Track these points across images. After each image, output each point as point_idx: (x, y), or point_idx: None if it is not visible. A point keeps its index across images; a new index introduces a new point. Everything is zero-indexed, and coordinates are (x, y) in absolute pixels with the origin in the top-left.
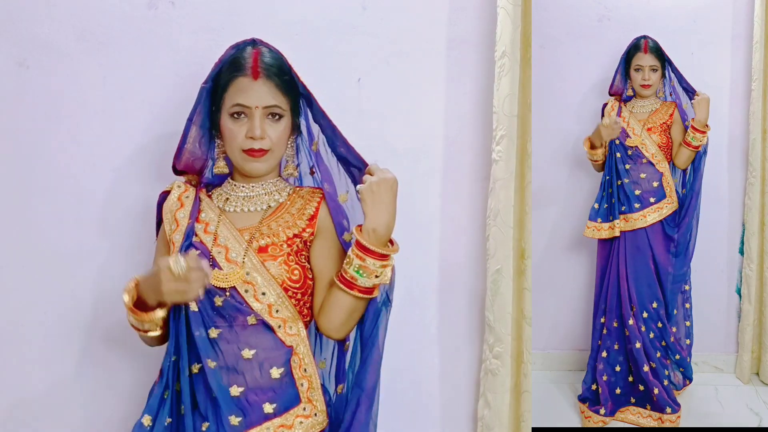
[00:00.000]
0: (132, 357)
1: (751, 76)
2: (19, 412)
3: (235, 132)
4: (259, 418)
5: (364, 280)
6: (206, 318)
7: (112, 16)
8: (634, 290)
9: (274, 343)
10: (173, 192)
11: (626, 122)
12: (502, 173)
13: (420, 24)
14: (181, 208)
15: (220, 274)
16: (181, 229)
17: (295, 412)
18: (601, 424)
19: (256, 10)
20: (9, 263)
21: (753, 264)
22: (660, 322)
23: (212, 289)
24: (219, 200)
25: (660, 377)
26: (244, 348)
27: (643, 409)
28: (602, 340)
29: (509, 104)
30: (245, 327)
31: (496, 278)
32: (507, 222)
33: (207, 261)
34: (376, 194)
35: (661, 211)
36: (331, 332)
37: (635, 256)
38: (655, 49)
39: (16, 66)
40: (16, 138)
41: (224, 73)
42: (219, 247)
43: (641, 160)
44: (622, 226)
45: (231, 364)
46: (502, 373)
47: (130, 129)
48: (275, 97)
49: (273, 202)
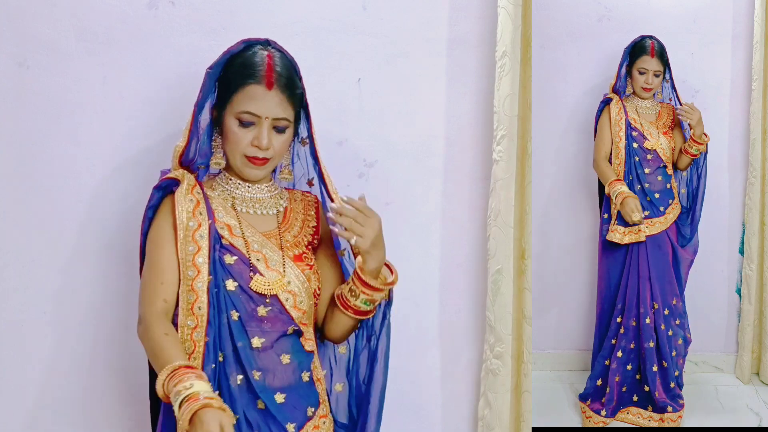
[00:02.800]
0: (132, 357)
1: (751, 76)
2: (20, 412)
3: (240, 137)
4: (303, 421)
5: (369, 307)
6: (249, 328)
7: (112, 16)
8: (658, 289)
9: (300, 348)
10: (185, 183)
11: (639, 124)
12: (502, 173)
13: (420, 24)
14: (198, 206)
15: (262, 281)
16: (204, 230)
17: (319, 413)
18: (601, 424)
19: (256, 10)
20: (9, 263)
21: (753, 264)
22: (678, 319)
23: (254, 297)
24: (226, 200)
25: (669, 376)
26: (282, 354)
27: (644, 410)
28: (617, 339)
29: (510, 104)
30: (284, 335)
31: (497, 278)
32: (507, 222)
33: (247, 267)
34: (376, 240)
35: (674, 211)
36: (335, 341)
37: (656, 256)
38: (660, 54)
39: (16, 66)
40: (16, 138)
41: (235, 74)
42: (256, 253)
43: (659, 163)
44: (647, 230)
45: (271, 372)
46: (503, 372)
47: (130, 129)
48: (284, 110)
49: (280, 207)
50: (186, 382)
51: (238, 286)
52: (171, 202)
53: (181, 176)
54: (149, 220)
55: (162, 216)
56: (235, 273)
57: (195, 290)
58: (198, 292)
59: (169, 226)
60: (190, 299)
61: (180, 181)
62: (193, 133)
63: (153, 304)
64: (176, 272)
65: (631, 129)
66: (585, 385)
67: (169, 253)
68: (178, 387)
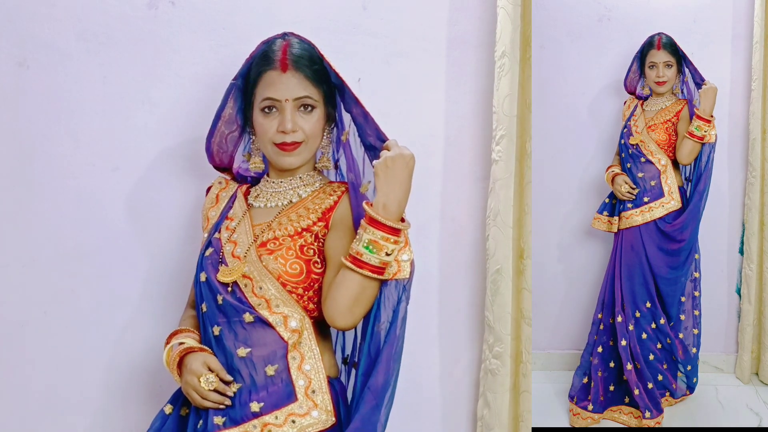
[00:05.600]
0: (132, 356)
1: (751, 76)
2: (20, 412)
3: (266, 126)
4: (243, 416)
5: (373, 257)
6: (212, 316)
7: (112, 16)
8: (626, 288)
9: (271, 339)
10: (213, 189)
11: (633, 121)
12: (501, 173)
13: (420, 24)
14: (215, 206)
15: (224, 270)
16: (209, 227)
17: (287, 410)
18: (590, 420)
19: (256, 10)
20: (9, 263)
21: (753, 264)
22: (655, 323)
23: (216, 287)
24: (251, 197)
25: (645, 379)
26: (240, 346)
27: (635, 409)
28: (598, 336)
29: (509, 104)
30: (243, 325)
31: (496, 278)
32: (507, 222)
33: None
34: (390, 169)
35: (653, 211)
36: (336, 318)
37: (628, 254)
38: (668, 45)
39: (16, 66)
40: (16, 138)
41: (254, 68)
42: (230, 243)
43: (641, 158)
44: (619, 223)
45: (228, 362)
46: (502, 372)
47: (130, 129)
48: (306, 89)
49: (296, 197)
50: (177, 340)
51: (207, 277)
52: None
53: (215, 182)
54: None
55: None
56: (207, 265)
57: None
58: (194, 287)
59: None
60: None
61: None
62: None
63: (189, 296)
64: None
65: (627, 125)
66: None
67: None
68: (171, 343)
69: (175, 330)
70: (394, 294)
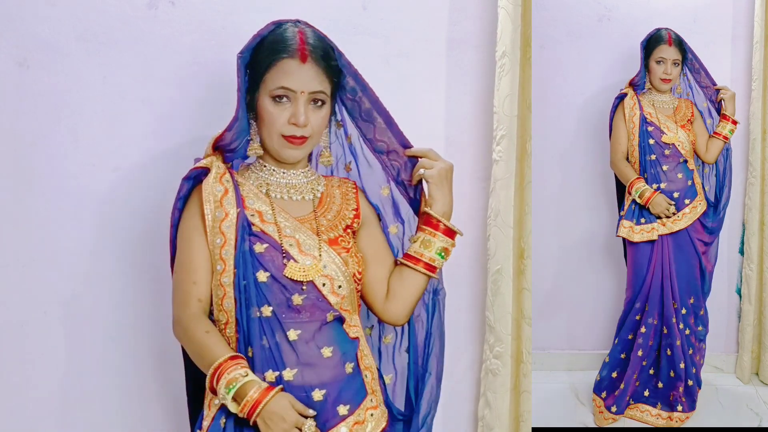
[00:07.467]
0: (132, 356)
1: (751, 76)
2: (20, 412)
3: (275, 116)
4: (334, 419)
5: (442, 262)
6: (284, 320)
7: (112, 16)
8: (681, 288)
9: (344, 337)
10: (213, 171)
11: (655, 118)
12: (502, 173)
13: (420, 24)
14: (226, 194)
15: (296, 267)
16: (231, 220)
17: (365, 406)
18: (611, 421)
19: (256, 10)
20: (9, 263)
21: (753, 264)
22: (694, 317)
23: (288, 286)
24: (260, 186)
25: (688, 375)
26: (323, 347)
27: (652, 407)
28: (635, 336)
29: (509, 104)
30: (324, 324)
31: (497, 278)
32: (507, 222)
33: (279, 254)
34: (446, 179)
35: (695, 210)
36: (399, 318)
37: (678, 256)
38: (678, 42)
39: (16, 66)
40: (17, 138)
41: (266, 51)
42: (289, 238)
43: (679, 159)
44: (660, 230)
45: (310, 367)
46: (503, 373)
47: (130, 129)
48: (321, 83)
49: (316, 192)
50: (239, 371)
51: (269, 276)
52: (200, 192)
53: (210, 163)
54: (179, 211)
55: (191, 207)
56: (267, 262)
57: (222, 285)
58: (225, 287)
59: (198, 217)
60: (219, 294)
61: (209, 169)
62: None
63: (188, 305)
64: (209, 267)
65: (646, 124)
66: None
67: (199, 247)
68: (229, 377)
69: (222, 360)
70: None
